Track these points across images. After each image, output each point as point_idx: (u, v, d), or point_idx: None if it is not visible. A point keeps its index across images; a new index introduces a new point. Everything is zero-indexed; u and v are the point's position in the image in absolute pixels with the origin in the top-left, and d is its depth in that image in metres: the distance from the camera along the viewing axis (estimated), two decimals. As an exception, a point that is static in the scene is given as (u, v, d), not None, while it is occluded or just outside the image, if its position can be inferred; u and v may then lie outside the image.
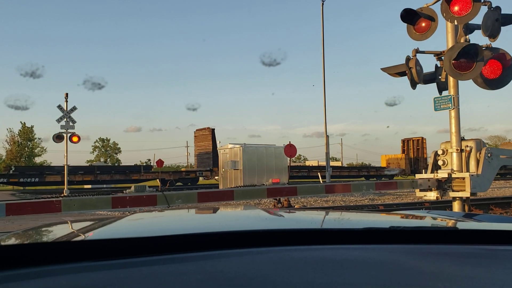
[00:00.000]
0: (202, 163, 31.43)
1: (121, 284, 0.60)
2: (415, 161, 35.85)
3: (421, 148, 36.04)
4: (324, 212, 2.09)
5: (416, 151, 36.18)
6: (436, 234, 0.93)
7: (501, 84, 5.39)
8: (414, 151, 36.21)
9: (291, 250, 0.75)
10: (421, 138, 36.18)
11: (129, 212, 3.24)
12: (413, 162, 35.85)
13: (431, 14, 5.63)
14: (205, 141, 31.11)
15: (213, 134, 30.74)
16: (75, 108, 18.68)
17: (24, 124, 49.84)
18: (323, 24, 21.70)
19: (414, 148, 36.27)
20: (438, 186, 5.70)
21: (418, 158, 35.84)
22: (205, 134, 31.22)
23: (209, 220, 1.38)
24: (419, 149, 36.06)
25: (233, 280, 0.60)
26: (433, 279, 0.62)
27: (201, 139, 31.69)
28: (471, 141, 5.72)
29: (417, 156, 36.01)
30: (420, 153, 36.04)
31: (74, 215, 6.17)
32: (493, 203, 12.70)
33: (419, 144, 36.09)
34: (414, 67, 5.60)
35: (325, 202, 14.45)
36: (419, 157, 35.82)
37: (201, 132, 31.75)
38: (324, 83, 21.74)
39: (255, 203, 12.94)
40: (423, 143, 36.04)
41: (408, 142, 36.64)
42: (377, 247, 0.78)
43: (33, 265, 0.66)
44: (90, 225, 1.26)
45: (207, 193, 4.82)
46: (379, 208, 11.99)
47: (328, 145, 21.18)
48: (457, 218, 1.47)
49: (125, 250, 0.72)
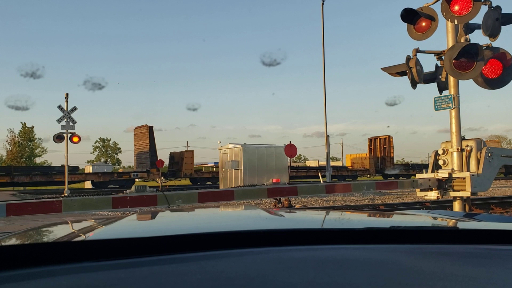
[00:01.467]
0: (140, 164, 29.44)
1: (121, 284, 0.60)
2: (382, 160, 33.89)
3: (388, 147, 34.10)
4: (324, 212, 2.09)
5: (383, 150, 34.24)
6: (437, 234, 0.93)
7: (501, 84, 5.38)
8: (381, 150, 34.26)
9: (291, 250, 0.75)
10: (388, 136, 34.21)
11: (130, 212, 3.24)
12: (380, 162, 33.85)
13: (431, 13, 5.63)
14: (143, 140, 29.09)
15: (151, 132, 28.81)
16: (75, 108, 18.68)
17: (25, 124, 49.86)
18: (323, 24, 21.70)
19: (381, 147, 34.30)
20: (438, 186, 5.70)
21: (385, 157, 33.89)
22: (143, 132, 29.18)
23: (210, 220, 1.38)
24: (386, 148, 34.12)
25: (234, 280, 0.60)
26: (433, 278, 0.62)
27: (139, 137, 29.67)
28: (471, 141, 5.72)
29: (383, 156, 34.04)
30: (387, 152, 34.09)
31: (75, 215, 6.17)
32: (494, 203, 12.69)
33: (386, 143, 34.14)
34: (414, 66, 5.60)
35: (326, 202, 14.45)
36: (386, 156, 33.87)
37: (140, 130, 29.68)
38: (324, 83, 21.76)
39: (255, 203, 12.94)
40: (390, 141, 34.12)
41: (375, 141, 34.67)
42: (378, 247, 0.78)
43: (34, 265, 0.66)
44: (90, 225, 1.26)
45: (208, 193, 4.82)
46: (379, 207, 11.98)
47: (329, 145, 21.18)
48: (457, 218, 1.47)
49: (125, 250, 0.72)
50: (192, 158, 31.02)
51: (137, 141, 30.00)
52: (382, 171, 33.97)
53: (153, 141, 28.67)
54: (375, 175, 34.43)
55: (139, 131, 29.72)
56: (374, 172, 34.02)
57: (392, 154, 34.17)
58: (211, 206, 4.29)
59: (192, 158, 31.03)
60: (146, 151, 28.74)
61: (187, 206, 4.67)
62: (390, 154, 34.03)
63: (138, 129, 29.93)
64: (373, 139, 34.93)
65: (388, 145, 34.07)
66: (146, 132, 28.83)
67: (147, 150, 28.60)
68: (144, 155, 29.10)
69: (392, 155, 34.13)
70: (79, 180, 28.44)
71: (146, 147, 28.68)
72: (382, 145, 34.26)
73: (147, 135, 28.67)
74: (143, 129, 29.24)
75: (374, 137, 34.91)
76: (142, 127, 29.49)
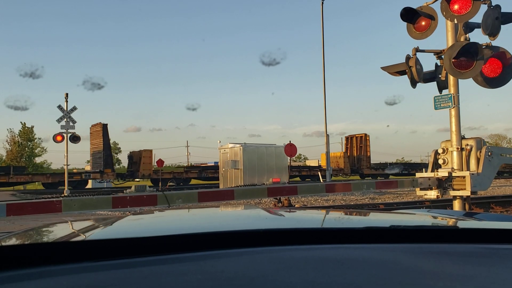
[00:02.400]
0: (95, 164, 27.65)
1: (121, 284, 0.60)
2: (358, 159, 32.47)
3: (364, 146, 32.59)
4: (324, 211, 2.09)
5: (359, 149, 32.71)
6: (437, 233, 0.93)
7: (501, 83, 5.38)
8: (357, 149, 32.77)
9: (291, 250, 0.74)
10: (364, 135, 32.79)
11: (130, 212, 3.25)
12: (356, 161, 32.42)
13: (431, 12, 5.63)
14: (97, 139, 27.10)
15: (105, 130, 26.76)
16: (75, 108, 18.68)
17: (24, 124, 49.83)
18: (323, 23, 21.71)
19: (358, 145, 32.80)
20: (438, 185, 5.70)
21: (361, 156, 32.50)
22: (97, 131, 27.12)
23: (210, 219, 1.38)
24: (362, 146, 32.63)
25: (234, 280, 0.60)
26: (434, 278, 0.62)
27: (94, 136, 27.59)
28: (471, 140, 5.72)
29: (359, 155, 32.60)
30: (363, 151, 32.60)
31: (75, 215, 6.18)
32: (494, 202, 12.69)
33: (362, 142, 32.64)
34: (414, 66, 5.60)
35: (326, 202, 14.45)
36: (362, 156, 32.47)
37: (95, 128, 27.61)
38: (324, 83, 21.77)
39: (255, 203, 12.94)
40: (366, 140, 32.63)
41: (351, 140, 33.22)
42: (378, 246, 0.78)
43: (34, 265, 0.66)
44: (90, 225, 1.26)
45: (208, 192, 4.82)
46: (379, 207, 11.99)
47: (329, 144, 21.20)
48: (457, 217, 1.47)
49: (125, 250, 0.72)
50: (151, 157, 29.20)
51: (92, 140, 28.01)
52: (358, 170, 32.58)
53: (107, 140, 26.91)
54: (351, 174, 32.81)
55: (94, 129, 27.64)
56: (349, 171, 32.42)
57: (369, 153, 32.86)
58: (211, 206, 4.30)
59: (151, 158, 29.22)
60: (100, 150, 26.87)
61: (187, 205, 4.67)
62: (367, 153, 32.74)
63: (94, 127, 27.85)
64: (349, 138, 33.57)
65: (364, 144, 32.81)
66: (100, 130, 26.87)
67: (101, 150, 26.75)
68: (98, 154, 27.28)
69: (368, 154, 32.81)
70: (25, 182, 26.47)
71: (100, 146, 26.79)
72: (359, 144, 32.92)
73: (101, 133, 26.75)
74: (97, 127, 27.28)
75: (351, 136, 33.52)
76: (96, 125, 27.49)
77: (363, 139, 32.77)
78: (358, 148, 32.90)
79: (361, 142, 32.81)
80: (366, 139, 32.68)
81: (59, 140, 18.69)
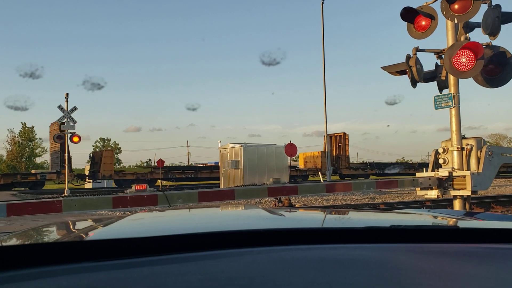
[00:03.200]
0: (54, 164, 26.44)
1: (121, 284, 0.60)
2: (337, 159, 31.11)
3: (343, 145, 31.33)
4: (324, 211, 2.09)
5: (338, 148, 31.39)
6: (437, 233, 0.93)
7: (501, 82, 5.38)
8: (336, 148, 31.35)
9: (292, 250, 0.74)
10: (343, 133, 31.58)
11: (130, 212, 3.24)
12: (335, 161, 30.86)
13: (431, 12, 5.63)
14: None
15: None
16: (75, 108, 18.69)
17: (25, 124, 49.91)
18: (323, 23, 21.70)
19: (336, 145, 31.40)
20: (439, 185, 5.70)
21: (340, 156, 31.26)
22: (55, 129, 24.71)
23: (210, 219, 1.38)
24: (341, 146, 31.36)
25: (234, 280, 0.60)
26: (434, 278, 0.62)
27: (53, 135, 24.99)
28: (471, 140, 5.71)
29: (338, 154, 31.31)
30: (342, 151, 31.33)
31: (75, 215, 6.18)
32: (494, 201, 12.68)
33: (341, 141, 31.37)
34: (414, 65, 5.60)
35: (326, 201, 14.45)
36: (341, 155, 31.25)
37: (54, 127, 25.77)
38: (324, 82, 21.76)
39: (256, 202, 12.95)
40: (345, 139, 31.41)
41: (330, 138, 30.79)
42: (378, 246, 0.78)
43: (34, 265, 0.66)
44: (90, 225, 1.26)
45: (208, 192, 4.82)
46: (379, 207, 11.99)
47: (329, 144, 21.18)
48: (458, 217, 1.47)
49: (125, 250, 0.72)
50: (112, 158, 28.05)
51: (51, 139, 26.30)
52: (336, 170, 31.26)
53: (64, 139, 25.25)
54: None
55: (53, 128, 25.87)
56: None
57: (348, 152, 31.59)
58: (211, 206, 4.30)
59: (112, 158, 28.05)
60: (57, 150, 25.68)
61: (188, 205, 4.67)
62: (346, 153, 31.47)
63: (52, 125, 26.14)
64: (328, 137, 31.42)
65: (343, 143, 31.43)
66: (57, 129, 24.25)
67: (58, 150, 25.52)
68: (56, 154, 26.07)
69: (347, 153, 31.56)
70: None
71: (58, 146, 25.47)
72: (337, 143, 31.56)
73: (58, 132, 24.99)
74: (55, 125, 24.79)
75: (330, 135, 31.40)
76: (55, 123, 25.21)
77: (342, 138, 31.51)
78: (336, 147, 31.51)
79: (340, 141, 31.53)
80: (345, 138, 31.47)
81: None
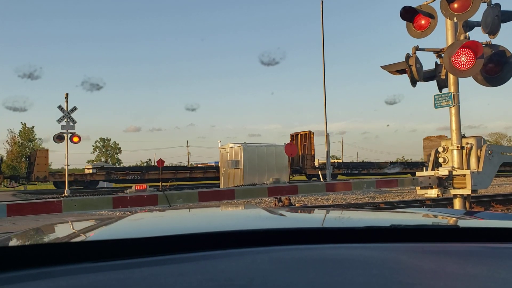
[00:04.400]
0: None
1: (121, 285, 0.60)
2: (302, 158, 29.28)
3: (308, 144, 29.36)
4: (325, 210, 2.08)
5: (303, 147, 29.41)
6: (438, 232, 0.93)
7: (501, 81, 5.38)
8: (301, 148, 29.30)
9: (292, 250, 0.74)
10: (308, 132, 29.53)
11: (130, 212, 3.24)
12: (300, 160, 29.23)
13: (431, 11, 5.62)
14: None
15: None
16: (75, 108, 18.67)
17: (25, 124, 49.76)
18: (323, 22, 21.68)
19: (302, 144, 29.44)
20: (438, 184, 5.70)
21: (305, 155, 29.31)
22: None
23: (210, 219, 1.38)
24: (306, 145, 29.38)
25: (234, 280, 0.60)
26: (434, 277, 0.62)
27: None
28: (471, 138, 5.71)
29: (304, 153, 29.39)
30: (307, 150, 29.34)
31: (75, 215, 6.17)
32: (494, 200, 12.68)
33: (307, 140, 29.39)
34: (414, 64, 5.59)
35: (326, 201, 14.45)
36: (306, 154, 29.30)
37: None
38: (324, 82, 21.73)
39: (256, 202, 12.95)
40: (310, 138, 29.49)
41: (296, 137, 29.88)
42: (378, 245, 0.78)
43: (33, 266, 0.66)
44: (90, 225, 1.26)
45: (208, 192, 4.82)
46: (380, 206, 11.99)
47: (329, 143, 21.19)
48: (458, 216, 1.47)
49: (125, 250, 0.72)
50: (47, 158, 26.29)
51: None
52: (301, 170, 29.58)
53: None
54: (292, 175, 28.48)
55: None
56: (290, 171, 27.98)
57: (313, 151, 29.84)
58: (211, 206, 4.30)
59: (47, 159, 26.30)
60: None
61: (188, 205, 4.67)
62: (311, 152, 29.47)
63: None
64: (294, 135, 30.43)
65: (308, 142, 29.46)
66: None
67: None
68: None
69: (312, 152, 29.59)
70: None
71: None
72: (303, 142, 29.58)
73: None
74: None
75: (296, 133, 30.46)
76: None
77: (307, 136, 29.57)
78: (302, 146, 29.48)
79: (305, 140, 29.50)
80: (310, 137, 29.57)
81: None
